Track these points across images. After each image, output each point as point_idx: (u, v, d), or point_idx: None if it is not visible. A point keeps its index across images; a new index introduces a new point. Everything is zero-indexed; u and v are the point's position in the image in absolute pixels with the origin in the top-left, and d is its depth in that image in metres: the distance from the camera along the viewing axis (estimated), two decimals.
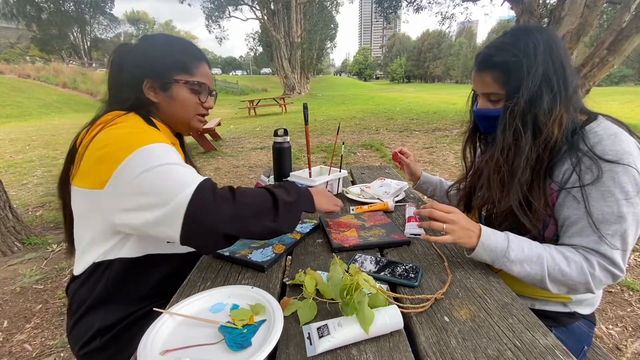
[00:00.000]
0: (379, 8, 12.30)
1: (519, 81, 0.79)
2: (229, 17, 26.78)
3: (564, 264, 0.74)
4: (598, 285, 0.74)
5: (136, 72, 0.84)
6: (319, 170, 1.49)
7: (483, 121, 0.92)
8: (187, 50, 0.89)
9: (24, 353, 1.62)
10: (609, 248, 0.72)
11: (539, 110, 0.77)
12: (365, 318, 0.57)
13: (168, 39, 0.90)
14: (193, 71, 0.87)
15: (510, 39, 0.82)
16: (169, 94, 0.86)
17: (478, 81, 0.87)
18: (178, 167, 0.69)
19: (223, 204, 0.67)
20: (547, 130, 0.77)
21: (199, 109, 0.91)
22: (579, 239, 0.76)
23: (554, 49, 0.79)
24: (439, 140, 6.23)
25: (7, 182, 4.22)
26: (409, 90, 32.98)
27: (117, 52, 0.88)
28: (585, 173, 0.75)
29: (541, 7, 6.24)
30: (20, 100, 14.85)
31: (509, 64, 0.80)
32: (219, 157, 5.59)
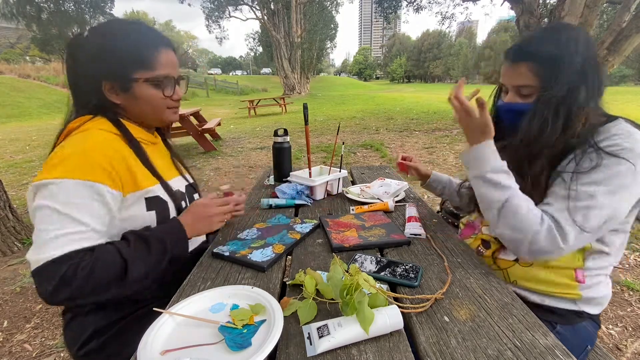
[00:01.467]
0: (379, 8, 12.31)
1: (557, 73, 0.77)
2: (229, 17, 26.79)
3: (524, 208, 0.76)
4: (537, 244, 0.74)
5: (92, 73, 0.79)
6: (319, 170, 1.49)
7: (509, 116, 0.88)
8: (142, 41, 0.81)
9: (24, 353, 1.62)
10: (565, 217, 0.73)
11: (574, 103, 0.77)
12: (365, 318, 0.57)
13: (120, 29, 0.81)
14: (152, 64, 0.80)
15: (548, 33, 0.81)
16: (131, 94, 0.81)
17: (510, 73, 0.84)
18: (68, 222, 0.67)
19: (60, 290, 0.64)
20: (576, 123, 0.77)
21: (167, 103, 0.86)
22: (548, 206, 0.77)
23: (590, 46, 0.79)
24: (439, 140, 6.23)
25: (7, 182, 4.22)
26: (409, 90, 32.97)
27: (70, 47, 0.81)
28: (584, 162, 0.75)
29: (541, 7, 6.24)
30: (20, 100, 14.85)
31: (549, 55, 0.78)
32: (219, 157, 5.59)
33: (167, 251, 0.76)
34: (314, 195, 1.33)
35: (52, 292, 0.64)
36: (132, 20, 0.87)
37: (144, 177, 0.81)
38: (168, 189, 0.87)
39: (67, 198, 0.68)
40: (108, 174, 0.73)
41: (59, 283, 0.64)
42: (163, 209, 0.84)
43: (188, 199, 0.97)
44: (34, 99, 15.48)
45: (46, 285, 0.64)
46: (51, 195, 0.67)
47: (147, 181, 0.82)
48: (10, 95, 15.10)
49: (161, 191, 0.85)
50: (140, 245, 0.74)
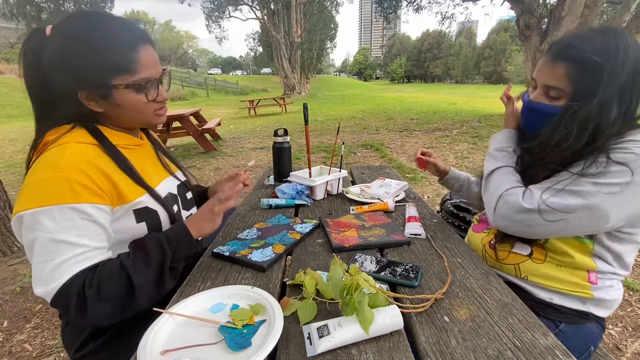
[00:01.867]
0: (379, 8, 12.31)
1: (592, 84, 0.72)
2: (229, 17, 26.79)
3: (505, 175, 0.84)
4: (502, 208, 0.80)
5: (64, 83, 0.71)
6: (319, 170, 1.49)
7: (531, 115, 0.85)
8: (118, 41, 0.71)
9: (24, 353, 1.62)
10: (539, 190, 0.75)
11: (604, 120, 0.72)
12: (365, 318, 0.57)
13: (87, 28, 0.70)
14: (132, 67, 0.72)
15: (598, 36, 0.75)
16: (111, 101, 0.74)
17: (547, 70, 0.80)
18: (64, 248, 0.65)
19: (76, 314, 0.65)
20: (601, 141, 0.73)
21: (152, 106, 0.80)
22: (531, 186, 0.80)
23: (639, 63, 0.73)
24: (439, 140, 6.23)
25: (7, 182, 4.22)
26: (409, 90, 32.99)
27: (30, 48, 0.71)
28: (591, 167, 0.72)
29: (541, 7, 6.24)
30: (20, 100, 14.83)
31: (591, 63, 0.73)
32: (219, 157, 5.59)
33: (167, 252, 0.74)
34: (314, 195, 1.33)
35: (75, 313, 0.65)
36: (102, 13, 0.74)
37: (129, 189, 0.77)
38: (156, 197, 0.82)
39: (57, 225, 0.64)
40: (91, 191, 0.68)
41: (77, 303, 0.64)
42: (153, 218, 0.81)
43: (181, 200, 0.94)
44: None
45: (67, 309, 0.65)
46: (39, 225, 0.64)
47: (133, 193, 0.77)
48: (10, 95, 15.11)
49: (150, 201, 0.81)
50: (138, 252, 0.72)
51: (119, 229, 0.76)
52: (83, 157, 0.70)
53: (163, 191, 0.87)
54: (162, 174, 0.93)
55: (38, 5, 6.89)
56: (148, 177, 0.83)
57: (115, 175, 0.74)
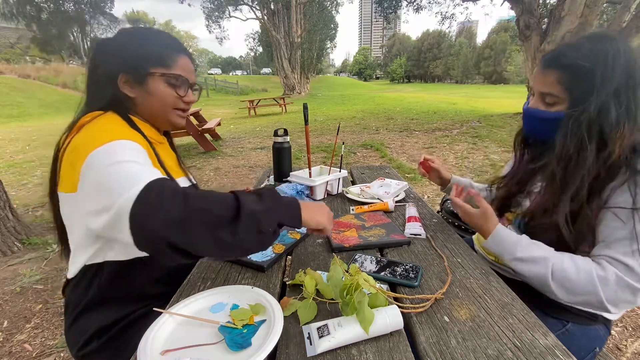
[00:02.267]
0: (379, 8, 12.31)
1: (587, 89, 0.75)
2: (229, 17, 26.79)
3: (571, 271, 0.72)
4: (612, 297, 0.70)
5: (111, 66, 0.81)
6: (319, 170, 1.49)
7: (530, 121, 0.88)
8: (164, 43, 0.85)
9: (24, 353, 1.62)
10: (636, 260, 0.68)
11: (606, 123, 0.74)
12: (365, 318, 0.57)
13: (145, 31, 0.86)
14: (170, 64, 0.83)
15: (588, 43, 0.78)
16: (145, 88, 0.82)
17: (540, 78, 0.83)
18: (131, 164, 0.62)
19: (168, 206, 0.55)
20: (612, 144, 0.73)
21: (177, 103, 0.87)
22: (608, 250, 0.73)
23: (631, 64, 0.75)
24: (439, 140, 6.23)
25: (7, 182, 4.22)
26: (409, 90, 32.98)
27: (94, 48, 0.85)
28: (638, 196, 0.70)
29: (541, 7, 6.24)
30: (20, 100, 14.85)
31: (580, 69, 0.76)
32: (219, 157, 5.59)
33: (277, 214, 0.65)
34: (314, 195, 1.33)
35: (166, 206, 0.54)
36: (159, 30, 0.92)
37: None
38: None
39: (124, 154, 0.64)
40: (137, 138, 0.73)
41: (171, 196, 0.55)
42: None
43: None
44: (34, 99, 15.48)
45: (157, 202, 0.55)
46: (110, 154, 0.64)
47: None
48: (10, 95, 15.11)
49: None
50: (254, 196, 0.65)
51: None
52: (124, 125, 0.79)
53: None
54: (178, 172, 0.97)
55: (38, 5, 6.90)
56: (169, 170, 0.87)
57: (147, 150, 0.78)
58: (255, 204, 0.62)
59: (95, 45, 0.85)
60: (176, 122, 0.90)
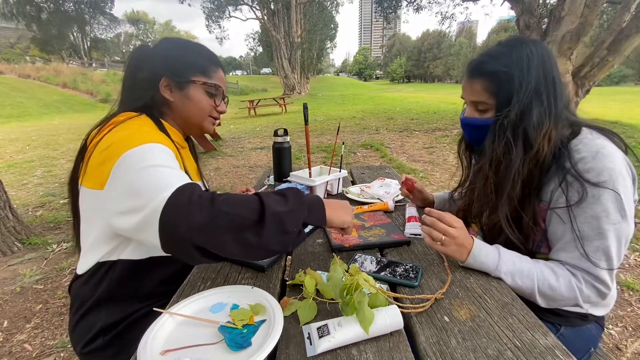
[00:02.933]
0: (379, 8, 12.30)
1: (510, 93, 0.78)
2: (229, 17, 26.79)
3: (552, 279, 0.75)
4: (586, 300, 0.76)
5: (155, 70, 0.85)
6: (319, 170, 1.49)
7: (468, 130, 0.92)
8: (206, 54, 0.91)
9: (24, 353, 1.62)
10: (592, 265, 0.73)
11: (529, 123, 0.77)
12: (365, 318, 0.57)
13: (187, 42, 0.93)
14: (211, 74, 0.89)
15: (504, 49, 0.82)
16: (184, 93, 0.87)
17: (467, 88, 0.87)
18: (164, 169, 0.65)
19: (196, 210, 0.57)
20: (537, 144, 0.77)
21: (212, 112, 0.92)
22: (564, 254, 0.77)
23: (547, 63, 0.79)
24: (439, 140, 6.23)
25: (7, 182, 4.22)
26: (409, 90, 32.99)
27: (136, 52, 0.89)
28: (572, 193, 0.75)
29: (541, 7, 6.24)
30: (20, 100, 14.85)
31: (501, 74, 0.79)
32: (219, 157, 5.59)
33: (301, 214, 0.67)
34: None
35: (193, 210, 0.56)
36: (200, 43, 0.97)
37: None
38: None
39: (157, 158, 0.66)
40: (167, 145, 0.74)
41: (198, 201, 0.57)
42: None
43: None
44: (34, 99, 15.48)
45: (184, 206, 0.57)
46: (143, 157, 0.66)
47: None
48: (10, 95, 15.10)
49: None
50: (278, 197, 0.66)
51: None
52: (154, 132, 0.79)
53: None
54: (196, 177, 1.01)
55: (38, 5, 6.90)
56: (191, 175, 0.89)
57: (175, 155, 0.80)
58: (279, 205, 0.63)
59: (137, 50, 0.90)
60: (208, 129, 0.96)
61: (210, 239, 0.57)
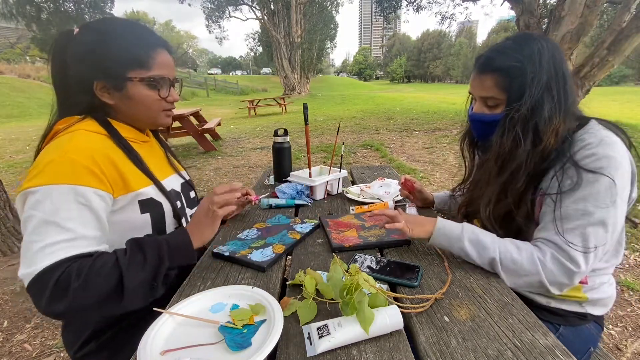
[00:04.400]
0: (379, 8, 12.29)
1: (522, 88, 0.78)
2: (229, 17, 26.78)
3: (515, 252, 0.76)
4: (551, 278, 0.74)
5: (83, 72, 0.76)
6: (319, 170, 1.49)
7: (478, 126, 0.91)
8: (138, 40, 0.78)
9: (24, 353, 1.62)
10: (565, 242, 0.72)
11: (540, 118, 0.77)
12: (365, 318, 0.57)
13: (113, 27, 0.78)
14: (149, 63, 0.78)
15: (514, 45, 0.81)
16: (124, 94, 0.78)
17: (477, 84, 0.86)
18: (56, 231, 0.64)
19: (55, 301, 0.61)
20: (546, 138, 0.78)
21: (162, 105, 0.83)
22: (542, 232, 0.78)
23: (557, 58, 0.79)
24: (439, 140, 6.23)
25: (7, 182, 4.21)
26: (409, 90, 32.98)
27: (58, 45, 0.78)
28: (565, 180, 0.75)
29: (541, 7, 6.24)
30: (20, 100, 14.85)
31: (513, 69, 0.79)
32: (219, 157, 5.59)
33: (164, 259, 0.71)
34: (314, 195, 1.33)
35: (48, 302, 0.61)
36: (128, 19, 0.85)
37: (135, 178, 0.78)
38: (162, 189, 0.84)
39: (52, 206, 0.65)
40: (94, 175, 0.70)
41: (53, 292, 0.60)
42: (157, 210, 0.82)
43: (184, 197, 0.95)
44: (34, 99, 15.48)
45: (40, 296, 0.61)
46: (37, 204, 0.65)
47: (138, 183, 0.79)
48: (10, 95, 15.10)
49: (154, 192, 0.82)
50: (135, 253, 0.69)
51: (123, 219, 0.77)
52: (91, 143, 0.73)
53: (167, 187, 0.88)
54: (167, 170, 0.95)
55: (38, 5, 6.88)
56: (154, 171, 0.85)
57: (122, 164, 0.76)
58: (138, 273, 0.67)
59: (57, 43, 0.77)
60: (163, 123, 0.87)
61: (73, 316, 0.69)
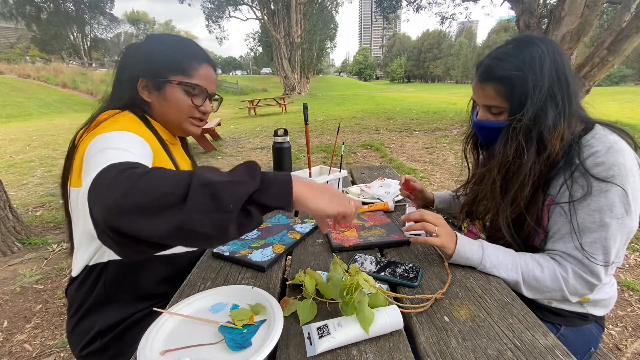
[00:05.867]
0: (378, 8, 12.29)
1: (524, 96, 0.77)
2: (229, 17, 26.78)
3: (537, 271, 0.76)
4: (573, 292, 0.75)
5: (134, 70, 0.84)
6: (319, 170, 1.49)
7: (483, 132, 0.90)
8: (188, 51, 0.86)
9: (24, 353, 1.62)
10: (586, 257, 0.72)
11: (544, 127, 0.75)
12: (365, 318, 0.57)
13: (172, 38, 0.88)
14: (190, 72, 0.85)
15: (514, 51, 0.79)
16: (161, 94, 0.84)
17: (479, 92, 0.85)
18: (117, 151, 0.62)
19: (114, 187, 0.48)
20: (551, 146, 0.76)
21: (192, 112, 0.88)
22: (560, 244, 0.77)
23: (559, 62, 0.77)
24: (439, 140, 6.23)
25: (7, 182, 4.22)
26: (409, 90, 32.99)
27: (125, 51, 0.88)
28: (576, 189, 0.74)
29: (541, 7, 6.24)
30: (20, 100, 14.85)
31: (513, 78, 0.77)
32: (219, 157, 5.59)
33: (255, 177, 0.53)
34: None
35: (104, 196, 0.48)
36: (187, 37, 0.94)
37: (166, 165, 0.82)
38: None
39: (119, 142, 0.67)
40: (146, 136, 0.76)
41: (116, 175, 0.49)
42: None
43: None
44: (34, 99, 15.48)
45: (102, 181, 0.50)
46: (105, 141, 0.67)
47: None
48: (10, 95, 15.10)
49: None
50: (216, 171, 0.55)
51: None
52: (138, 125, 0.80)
53: None
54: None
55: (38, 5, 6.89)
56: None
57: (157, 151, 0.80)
58: (215, 176, 0.51)
59: (127, 48, 0.88)
60: (190, 131, 0.91)
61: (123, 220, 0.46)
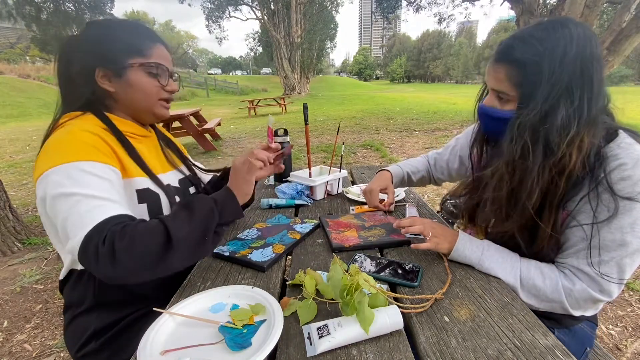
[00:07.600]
0: (378, 8, 12.30)
1: (535, 87, 0.68)
2: (229, 17, 26.77)
3: (539, 279, 0.73)
4: (575, 306, 0.72)
5: (85, 62, 0.78)
6: (319, 170, 1.49)
7: (486, 119, 0.83)
8: (138, 32, 0.82)
9: (24, 353, 1.62)
10: (599, 274, 0.68)
11: (551, 126, 0.66)
12: (365, 318, 0.57)
13: (116, 22, 0.84)
14: (147, 53, 0.81)
15: (540, 33, 0.68)
16: (125, 80, 0.80)
17: (491, 74, 0.76)
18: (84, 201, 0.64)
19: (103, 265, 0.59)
20: (561, 151, 0.67)
21: (160, 93, 0.85)
22: (572, 259, 0.72)
23: (587, 56, 0.66)
24: (439, 140, 6.23)
25: (7, 182, 4.22)
26: (409, 90, 32.99)
27: (64, 45, 0.82)
28: (601, 210, 0.67)
29: (541, 7, 6.24)
30: (20, 100, 14.84)
31: (528, 65, 0.68)
32: (219, 157, 5.59)
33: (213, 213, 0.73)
34: (314, 195, 1.33)
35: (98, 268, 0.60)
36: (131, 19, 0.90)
37: (132, 168, 0.79)
38: (158, 183, 0.84)
39: (72, 181, 0.65)
40: (103, 153, 0.72)
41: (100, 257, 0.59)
42: (155, 201, 0.82)
43: (183, 193, 0.94)
44: (34, 99, 15.47)
45: (90, 263, 0.60)
46: (57, 183, 0.65)
47: (135, 172, 0.80)
48: (10, 95, 15.09)
49: (151, 184, 0.82)
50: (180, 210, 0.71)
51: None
52: (92, 127, 0.75)
53: (164, 181, 0.88)
54: (165, 167, 0.94)
55: (38, 5, 6.87)
56: (151, 166, 0.85)
57: (121, 154, 0.78)
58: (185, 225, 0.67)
59: (65, 42, 0.82)
60: (160, 114, 0.88)
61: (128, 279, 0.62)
